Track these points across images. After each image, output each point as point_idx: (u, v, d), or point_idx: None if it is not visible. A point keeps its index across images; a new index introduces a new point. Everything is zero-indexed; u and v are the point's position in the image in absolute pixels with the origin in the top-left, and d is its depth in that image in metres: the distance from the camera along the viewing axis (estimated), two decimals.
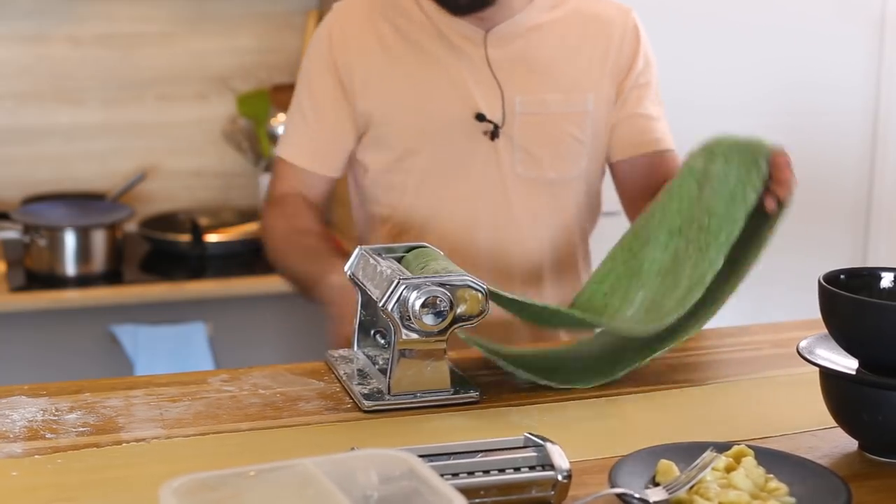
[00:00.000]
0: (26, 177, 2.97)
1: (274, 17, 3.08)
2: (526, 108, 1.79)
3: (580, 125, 1.82)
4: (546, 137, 1.80)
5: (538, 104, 1.80)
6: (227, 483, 0.96)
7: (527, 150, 1.80)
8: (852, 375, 1.21)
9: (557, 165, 1.82)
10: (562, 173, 1.82)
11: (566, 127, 1.81)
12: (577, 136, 1.82)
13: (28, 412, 1.31)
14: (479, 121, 1.78)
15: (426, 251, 1.44)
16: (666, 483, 1.09)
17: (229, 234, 2.87)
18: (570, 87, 1.81)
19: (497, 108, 1.79)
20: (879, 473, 1.19)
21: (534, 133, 1.80)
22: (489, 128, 1.78)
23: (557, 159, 1.82)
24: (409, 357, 1.33)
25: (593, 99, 1.82)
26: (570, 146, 1.82)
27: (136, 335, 2.64)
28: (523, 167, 1.80)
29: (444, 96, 1.79)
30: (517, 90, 1.79)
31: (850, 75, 2.95)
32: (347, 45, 1.81)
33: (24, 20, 2.91)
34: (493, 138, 1.79)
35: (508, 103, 1.79)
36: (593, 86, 1.82)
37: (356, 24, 1.82)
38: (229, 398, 1.36)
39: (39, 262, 2.67)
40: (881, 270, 1.30)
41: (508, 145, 1.79)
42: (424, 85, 1.80)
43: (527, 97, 1.79)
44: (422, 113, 1.78)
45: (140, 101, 3.03)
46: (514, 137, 1.79)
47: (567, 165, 1.82)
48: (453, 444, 1.11)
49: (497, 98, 1.79)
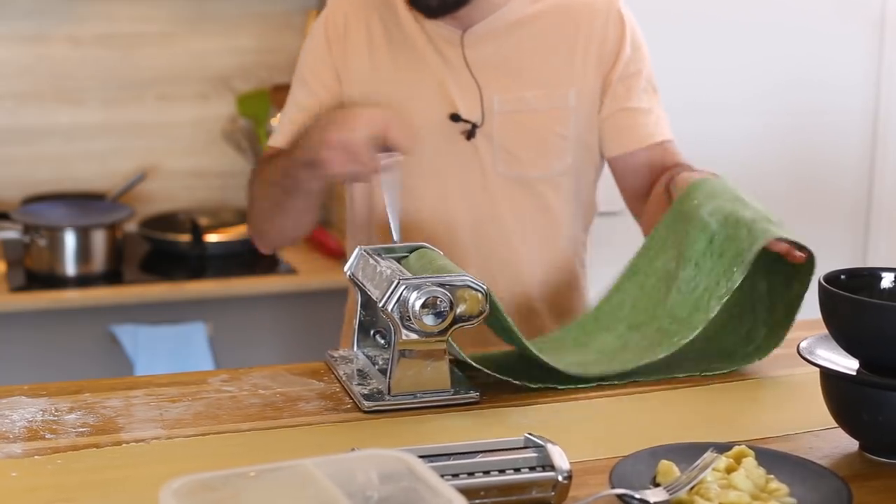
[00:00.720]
0: (26, 177, 2.97)
1: (274, 17, 3.07)
2: (504, 106, 1.78)
3: (562, 121, 1.80)
4: (527, 135, 1.79)
5: (517, 102, 1.78)
6: (227, 483, 0.96)
7: (507, 149, 1.79)
8: (853, 376, 1.21)
9: (540, 163, 1.80)
10: (545, 171, 1.81)
11: (547, 123, 1.80)
12: (560, 132, 1.80)
13: (28, 412, 1.31)
14: (454, 121, 1.77)
15: (427, 252, 1.44)
16: (666, 484, 1.09)
17: (229, 234, 2.87)
18: (550, 83, 1.79)
19: (476, 107, 1.78)
20: (880, 474, 1.19)
21: (514, 131, 1.79)
22: (466, 128, 1.78)
23: (540, 157, 1.80)
24: (409, 357, 1.33)
25: (576, 93, 1.80)
26: (552, 143, 1.80)
27: (136, 335, 2.64)
28: (504, 166, 1.79)
29: (423, 96, 1.78)
30: (495, 89, 1.78)
31: (850, 75, 2.95)
32: (340, 38, 1.82)
33: (24, 20, 2.91)
34: (469, 138, 1.78)
35: (487, 102, 1.78)
36: (576, 80, 1.80)
37: (349, 19, 1.82)
38: (229, 398, 1.36)
39: (39, 262, 2.67)
40: (881, 270, 1.29)
41: (488, 145, 1.78)
42: (405, 85, 1.79)
43: (505, 95, 1.78)
44: (401, 113, 1.78)
45: (140, 101, 3.03)
46: (494, 137, 1.78)
47: (550, 162, 1.81)
48: (453, 445, 1.11)
49: (475, 98, 1.78)
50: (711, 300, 1.47)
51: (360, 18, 1.82)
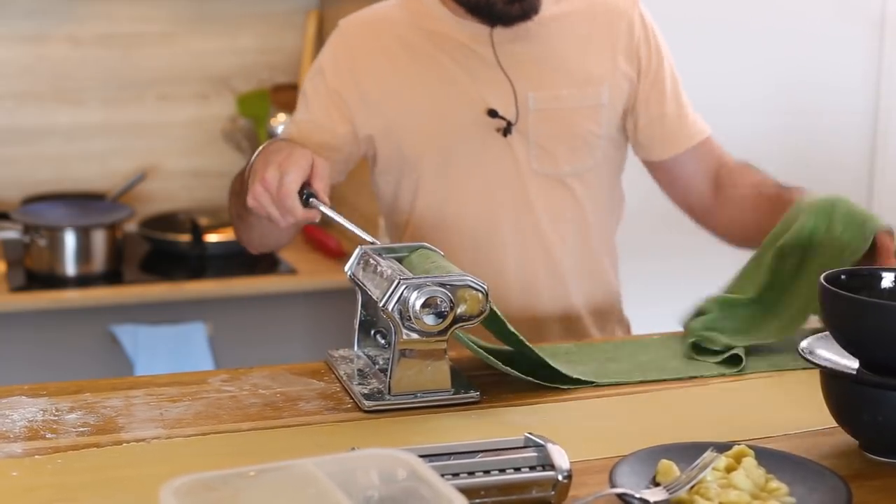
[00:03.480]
0: (26, 177, 2.97)
1: (274, 17, 3.08)
2: (539, 104, 1.79)
3: (596, 119, 1.82)
4: (562, 133, 1.80)
5: (552, 100, 1.80)
6: (227, 483, 0.96)
7: (542, 146, 1.80)
8: (853, 375, 1.21)
9: (573, 160, 1.82)
10: (577, 167, 1.82)
11: (582, 122, 1.81)
12: (594, 129, 1.82)
13: (28, 412, 1.31)
14: (492, 117, 1.77)
15: (428, 252, 1.44)
16: (666, 483, 1.09)
17: (229, 234, 2.87)
18: (583, 81, 1.81)
19: (510, 104, 1.78)
20: (880, 473, 1.19)
21: (549, 129, 1.80)
22: (502, 124, 1.78)
23: (573, 154, 1.82)
24: (410, 357, 1.33)
25: (608, 91, 1.82)
26: (586, 140, 1.82)
27: (136, 335, 2.64)
28: (539, 163, 1.80)
29: (456, 95, 1.79)
30: (530, 86, 1.79)
31: (850, 75, 2.95)
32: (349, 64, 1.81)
33: (24, 20, 2.91)
34: (505, 135, 1.78)
35: (521, 99, 1.78)
36: (607, 77, 1.82)
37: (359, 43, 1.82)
38: (229, 398, 1.36)
39: (39, 262, 2.67)
40: (881, 270, 1.30)
41: (523, 141, 1.79)
42: (433, 90, 1.79)
43: (540, 93, 1.79)
44: (433, 117, 1.78)
45: (140, 101, 3.03)
46: (529, 134, 1.79)
47: (583, 159, 1.82)
48: (453, 445, 1.11)
49: (509, 95, 1.78)
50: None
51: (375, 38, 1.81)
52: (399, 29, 1.82)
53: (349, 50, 1.82)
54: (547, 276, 1.83)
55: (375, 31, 1.82)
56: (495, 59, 1.78)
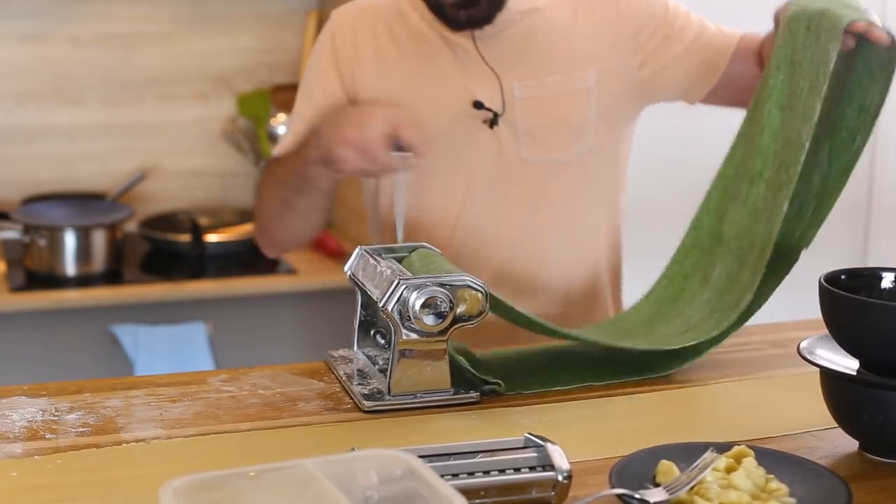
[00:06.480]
0: (26, 177, 2.97)
1: (274, 17, 3.08)
2: (525, 92, 1.79)
3: (584, 103, 1.80)
4: (550, 120, 1.80)
5: (537, 87, 1.79)
6: (227, 483, 0.96)
7: (532, 135, 1.79)
8: (853, 376, 1.21)
9: (564, 146, 1.81)
10: (568, 153, 1.81)
11: (570, 106, 1.80)
12: (582, 113, 1.81)
13: (28, 412, 1.31)
14: (477, 108, 1.77)
15: (428, 252, 1.44)
16: (666, 483, 1.09)
17: (229, 234, 2.88)
18: (569, 66, 1.80)
19: (496, 95, 1.78)
20: (880, 474, 1.19)
21: (537, 117, 1.79)
22: (488, 116, 1.78)
23: (564, 140, 1.81)
24: (409, 357, 1.33)
25: (596, 74, 1.80)
26: (576, 125, 1.81)
27: (136, 335, 2.64)
28: (530, 152, 1.80)
29: (440, 90, 1.79)
30: (514, 76, 1.78)
31: None
32: (349, 51, 1.82)
33: (24, 20, 2.91)
34: (492, 126, 1.78)
35: (507, 90, 1.78)
36: (597, 60, 1.80)
37: (357, 29, 1.83)
38: (229, 398, 1.36)
39: (39, 262, 2.67)
40: (881, 270, 1.29)
41: (511, 132, 1.79)
42: (420, 82, 1.80)
43: (525, 82, 1.78)
44: (419, 111, 1.78)
45: (140, 101, 3.03)
46: (518, 123, 1.79)
47: (574, 145, 1.81)
48: (453, 445, 1.11)
49: (495, 86, 1.78)
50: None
51: (367, 29, 1.83)
52: (387, 23, 1.82)
53: (343, 41, 1.83)
54: (549, 263, 1.83)
55: (366, 23, 1.83)
56: (479, 53, 1.78)
